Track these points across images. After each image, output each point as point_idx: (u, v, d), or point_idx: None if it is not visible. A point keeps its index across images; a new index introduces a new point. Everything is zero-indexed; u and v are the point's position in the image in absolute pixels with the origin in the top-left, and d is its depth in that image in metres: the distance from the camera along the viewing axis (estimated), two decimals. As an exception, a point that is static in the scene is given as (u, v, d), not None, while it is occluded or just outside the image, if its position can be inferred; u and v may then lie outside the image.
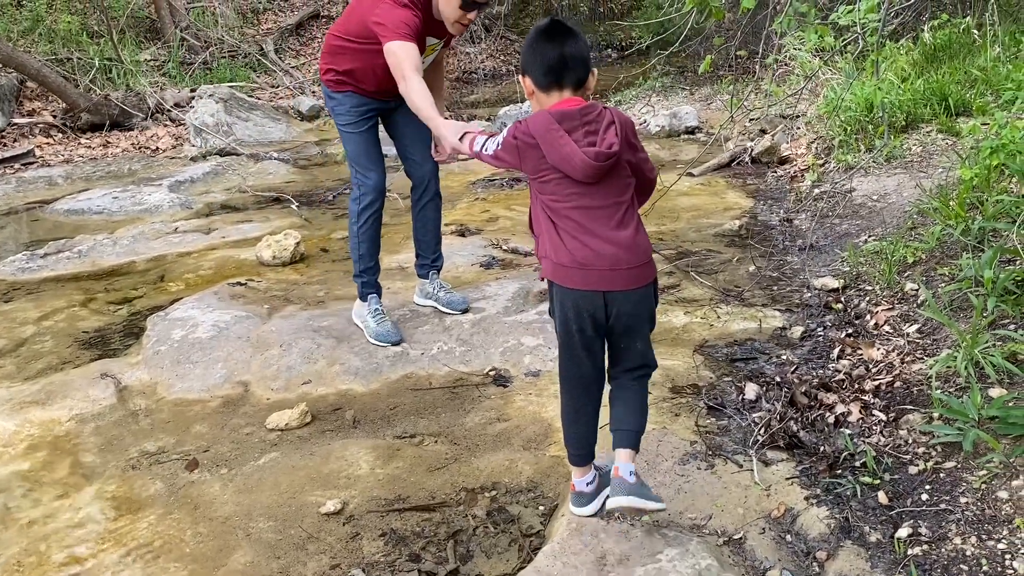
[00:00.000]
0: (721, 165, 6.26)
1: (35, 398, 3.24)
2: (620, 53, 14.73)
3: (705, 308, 3.67)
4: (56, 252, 5.11)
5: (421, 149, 3.53)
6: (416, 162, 3.56)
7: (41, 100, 9.37)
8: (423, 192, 3.62)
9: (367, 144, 3.48)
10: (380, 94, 3.43)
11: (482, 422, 2.93)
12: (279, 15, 12.92)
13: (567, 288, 2.12)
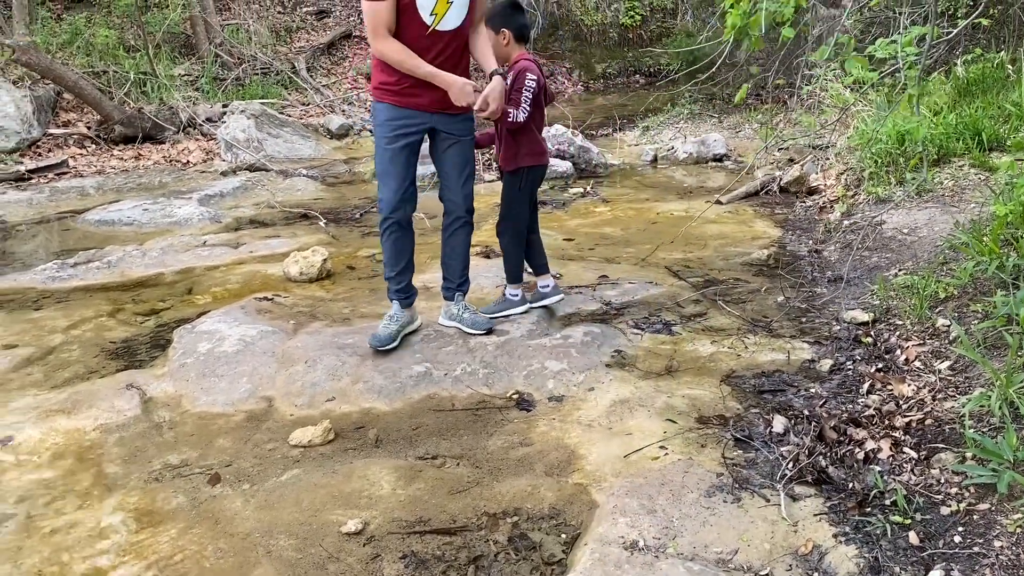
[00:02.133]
0: (749, 194, 6.23)
1: (61, 407, 3.25)
2: (648, 79, 14.76)
3: (732, 338, 3.63)
4: (86, 262, 5.16)
5: (455, 178, 3.55)
6: (449, 188, 3.58)
7: (76, 111, 9.52)
8: (454, 219, 3.64)
9: (392, 160, 3.49)
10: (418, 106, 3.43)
11: (504, 446, 2.91)
12: (311, 34, 13.08)
13: (540, 165, 3.82)
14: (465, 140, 3.55)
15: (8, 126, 8.31)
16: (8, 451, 2.98)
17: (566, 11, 14.90)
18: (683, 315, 3.92)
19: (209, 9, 11.18)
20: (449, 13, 3.33)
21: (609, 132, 9.53)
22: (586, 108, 11.85)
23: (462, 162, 3.55)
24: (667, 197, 6.47)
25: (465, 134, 3.54)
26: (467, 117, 3.54)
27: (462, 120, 3.53)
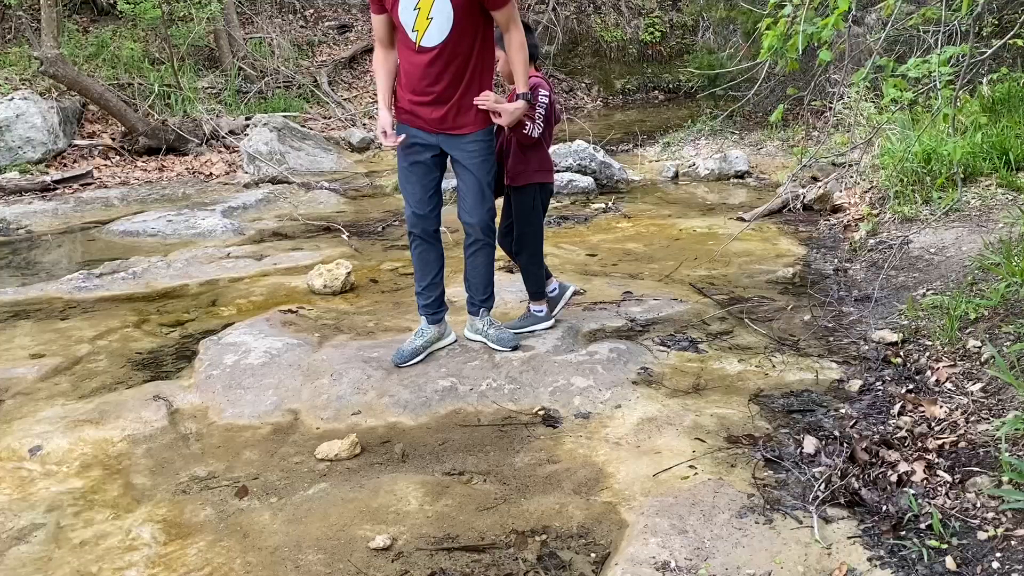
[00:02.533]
0: (772, 211, 6.21)
1: (89, 417, 3.27)
2: (667, 95, 14.77)
3: (760, 356, 3.61)
4: (111, 272, 5.20)
5: (469, 200, 3.51)
6: (464, 210, 3.56)
7: (101, 123, 9.62)
8: (472, 241, 3.63)
9: (406, 178, 3.55)
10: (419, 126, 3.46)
11: (531, 463, 2.90)
12: (333, 48, 13.18)
13: (550, 183, 3.85)
14: (474, 164, 3.45)
15: (35, 137, 8.40)
16: (37, 461, 3.00)
17: (586, 27, 14.94)
18: (709, 333, 3.90)
19: (233, 23, 11.30)
20: (430, 29, 3.26)
21: (630, 148, 9.53)
22: (605, 123, 11.86)
23: (475, 186, 3.47)
24: (689, 213, 6.45)
25: (473, 157, 3.44)
26: (474, 139, 3.42)
27: (469, 142, 3.42)
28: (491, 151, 3.52)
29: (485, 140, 3.46)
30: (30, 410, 3.38)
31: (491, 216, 3.57)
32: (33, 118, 8.44)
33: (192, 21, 10.34)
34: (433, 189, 3.55)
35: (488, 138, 3.47)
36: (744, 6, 6.86)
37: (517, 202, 3.79)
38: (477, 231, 3.57)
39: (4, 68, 9.20)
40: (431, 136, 3.45)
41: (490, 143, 3.50)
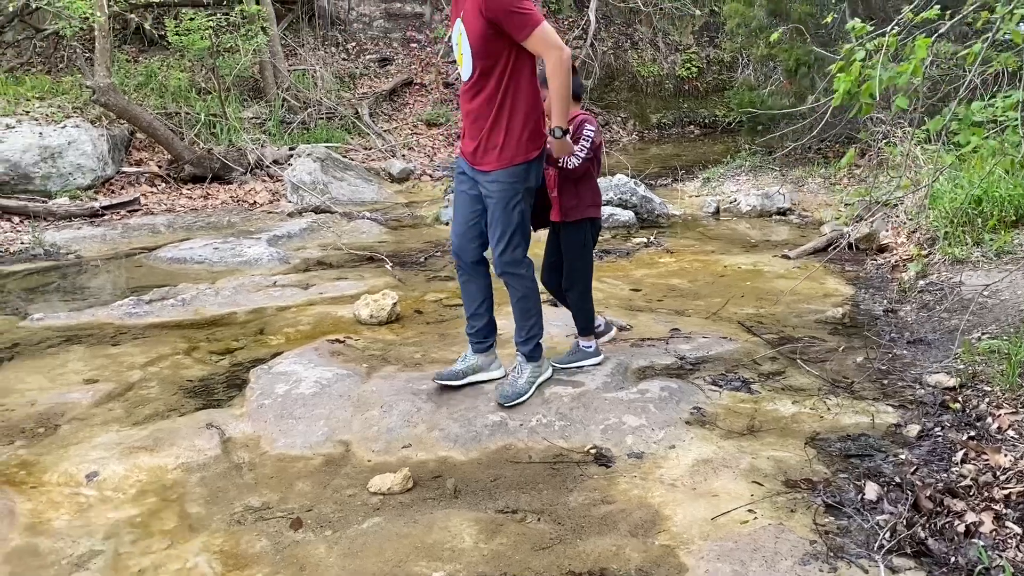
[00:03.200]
0: (817, 249, 6.16)
1: (144, 444, 3.30)
2: (703, 130, 14.79)
3: (814, 398, 3.56)
4: (161, 299, 5.27)
5: (493, 236, 3.46)
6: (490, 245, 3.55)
7: (148, 151, 9.81)
8: (499, 274, 3.54)
9: (454, 205, 3.62)
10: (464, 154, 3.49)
11: (585, 503, 2.87)
12: (374, 80, 13.37)
13: (599, 218, 3.88)
14: (491, 201, 3.40)
15: (85, 164, 8.59)
16: (94, 487, 3.02)
17: (623, 63, 15.04)
18: (760, 373, 3.86)
19: (278, 55, 11.51)
20: (464, 63, 3.32)
21: (668, 182, 9.54)
22: (642, 157, 11.89)
23: (494, 223, 3.41)
24: (732, 250, 6.42)
25: (492, 195, 3.38)
26: (495, 179, 3.35)
27: (491, 180, 3.36)
28: (512, 193, 3.35)
29: (505, 181, 3.34)
30: (86, 435, 3.42)
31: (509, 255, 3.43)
32: (84, 145, 8.64)
33: (238, 52, 10.55)
34: (475, 220, 3.52)
35: (510, 180, 3.34)
36: (817, 51, 6.85)
37: (568, 238, 3.79)
38: (496, 267, 3.51)
39: (58, 96, 9.43)
40: (465, 164, 3.49)
41: (511, 185, 3.35)
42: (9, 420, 3.61)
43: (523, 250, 3.49)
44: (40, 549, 2.65)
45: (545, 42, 3.16)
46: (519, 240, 3.44)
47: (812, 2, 8.32)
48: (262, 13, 10.75)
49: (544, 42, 3.16)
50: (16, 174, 8.27)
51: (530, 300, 3.58)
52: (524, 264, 3.51)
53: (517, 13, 3.11)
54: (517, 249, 3.45)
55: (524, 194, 3.40)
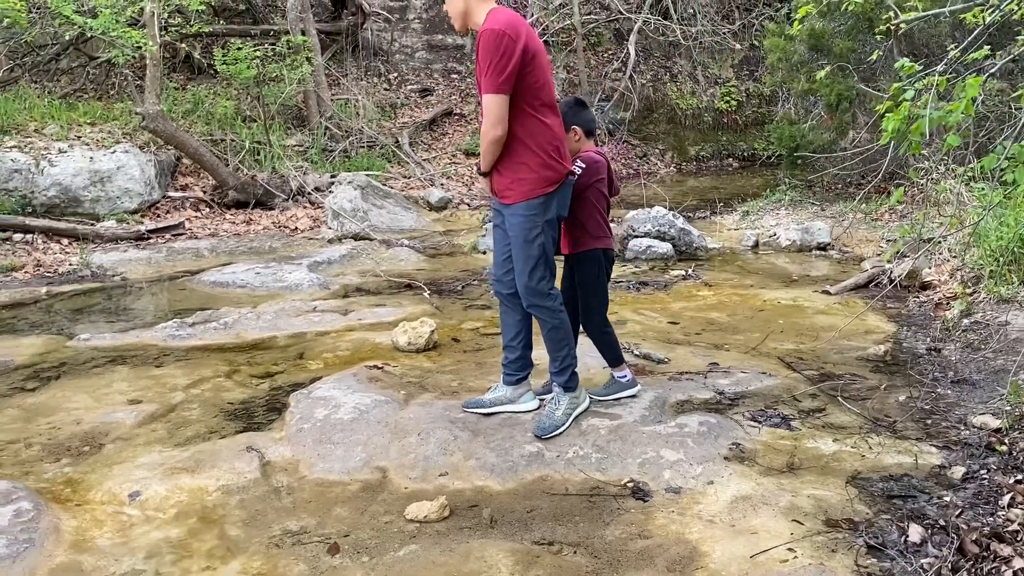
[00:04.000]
0: (859, 285, 6.09)
1: (185, 465, 3.34)
2: (741, 163, 14.77)
3: (855, 437, 3.51)
4: (203, 322, 5.36)
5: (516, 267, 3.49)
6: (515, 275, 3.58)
7: (194, 176, 10.03)
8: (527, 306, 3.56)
9: (493, 239, 3.68)
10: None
11: (622, 536, 2.85)
12: (415, 110, 13.57)
13: (611, 249, 3.83)
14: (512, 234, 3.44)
15: (132, 188, 8.81)
16: (136, 506, 3.07)
17: (662, 95, 15.10)
18: (801, 409, 3.82)
19: (322, 84, 11.74)
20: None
21: (707, 215, 9.51)
22: (679, 189, 11.89)
23: (515, 255, 3.46)
24: (772, 284, 6.38)
25: (512, 228, 3.43)
26: (513, 212, 3.40)
27: (511, 214, 3.42)
28: (531, 226, 3.38)
29: (524, 214, 3.38)
30: (129, 455, 3.48)
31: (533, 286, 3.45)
32: (132, 170, 8.86)
33: (284, 82, 10.77)
34: (508, 253, 3.55)
35: (528, 212, 3.37)
36: (863, 88, 6.87)
37: (580, 270, 3.77)
38: (523, 299, 3.53)
39: (109, 122, 9.69)
40: (497, 203, 3.55)
41: (529, 218, 3.38)
42: (56, 438, 3.69)
43: (548, 282, 3.49)
44: (84, 566, 2.70)
45: (488, 111, 3.27)
46: (543, 272, 3.46)
47: (854, 38, 8.30)
48: (307, 44, 10.99)
49: (488, 110, 3.27)
50: (67, 197, 8.51)
51: (560, 331, 3.58)
52: (550, 296, 3.51)
53: (487, 71, 3.22)
54: (541, 281, 3.46)
55: (544, 227, 3.42)
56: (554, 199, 3.42)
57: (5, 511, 2.91)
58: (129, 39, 8.77)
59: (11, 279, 6.86)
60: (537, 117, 3.34)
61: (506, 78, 3.20)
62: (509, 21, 3.23)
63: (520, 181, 3.37)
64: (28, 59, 11.61)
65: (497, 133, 3.29)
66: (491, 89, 3.22)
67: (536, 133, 3.35)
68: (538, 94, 3.32)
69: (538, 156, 3.35)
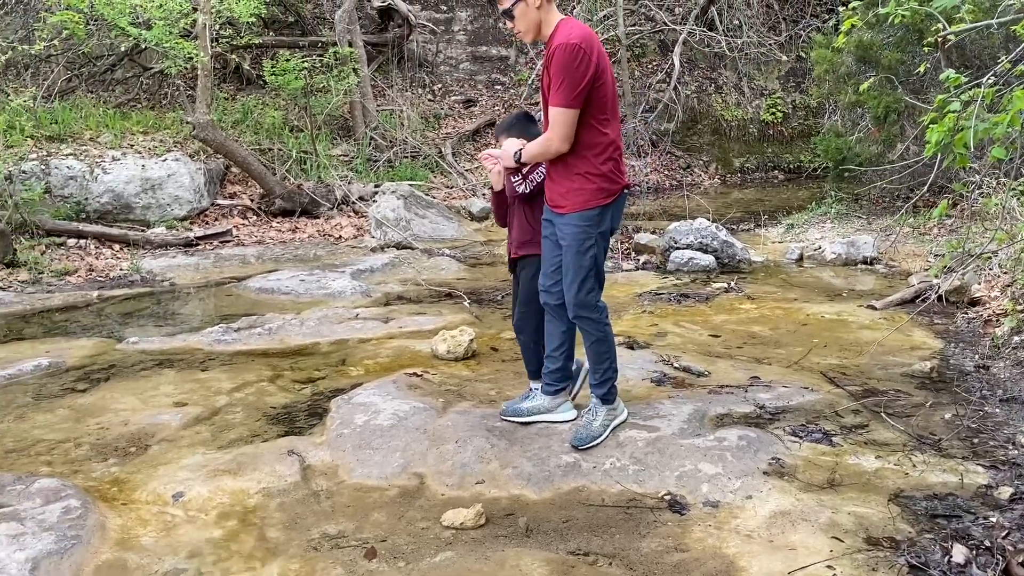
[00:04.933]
0: (905, 300, 5.98)
1: (227, 467, 3.41)
2: (787, 175, 14.61)
3: (898, 454, 3.45)
4: (248, 327, 5.46)
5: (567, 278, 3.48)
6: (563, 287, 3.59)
7: (241, 184, 10.23)
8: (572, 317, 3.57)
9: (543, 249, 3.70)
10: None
11: (658, 549, 2.83)
12: (458, 121, 13.68)
13: None
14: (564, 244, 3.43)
15: (182, 196, 9.01)
16: (180, 507, 3.14)
17: (706, 106, 15.02)
18: (843, 425, 3.76)
19: (367, 95, 11.90)
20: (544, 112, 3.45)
21: (751, 227, 9.43)
22: (723, 201, 11.80)
23: (566, 265, 3.45)
24: (816, 298, 6.30)
25: (564, 238, 3.42)
26: (567, 221, 3.39)
27: (564, 223, 3.41)
28: (585, 237, 3.38)
29: (579, 225, 3.37)
30: (174, 456, 3.55)
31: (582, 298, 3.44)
32: (182, 178, 9.07)
33: (330, 93, 10.95)
34: (557, 264, 3.54)
35: (583, 223, 3.37)
36: (912, 100, 6.78)
37: (524, 273, 3.76)
38: (569, 310, 3.51)
39: (160, 131, 9.94)
40: (551, 213, 3.53)
41: (584, 229, 3.38)
42: (104, 438, 3.79)
43: (596, 295, 3.49)
44: (128, 564, 2.76)
45: (558, 124, 3.26)
46: (592, 284, 3.46)
47: (903, 49, 8.18)
48: (354, 55, 11.17)
49: (555, 122, 3.27)
50: (119, 204, 8.74)
51: (604, 343, 3.57)
52: (598, 308, 3.51)
53: (565, 81, 3.20)
54: (591, 293, 3.46)
55: (598, 238, 3.42)
56: (609, 211, 3.43)
57: (54, 508, 3.00)
58: (182, 50, 8.99)
59: (64, 283, 7.06)
60: (599, 129, 3.35)
61: (579, 93, 3.21)
62: (584, 35, 3.23)
63: (576, 192, 3.37)
64: (85, 70, 11.97)
65: (564, 148, 3.31)
66: (563, 103, 3.22)
67: (596, 145, 3.35)
68: (604, 108, 3.33)
69: (597, 168, 3.35)
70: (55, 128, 9.32)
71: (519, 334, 3.92)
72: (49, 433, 3.87)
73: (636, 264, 7.80)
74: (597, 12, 14.25)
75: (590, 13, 14.12)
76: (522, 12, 3.30)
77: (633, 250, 8.27)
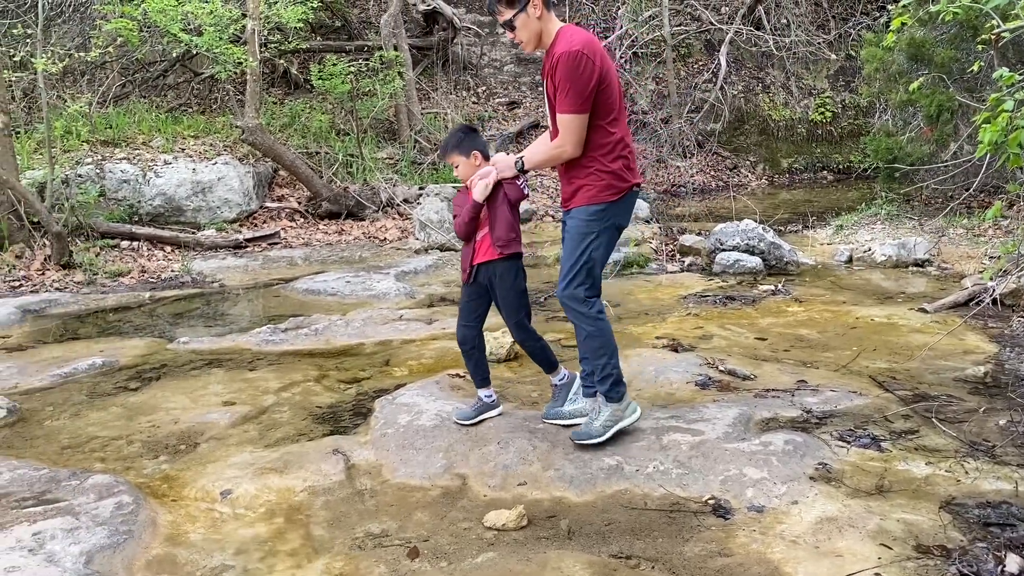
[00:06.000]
0: (958, 303, 5.84)
1: (274, 466, 3.46)
2: (837, 176, 14.37)
3: (950, 460, 3.37)
4: (295, 328, 5.54)
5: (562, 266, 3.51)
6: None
7: (289, 187, 10.39)
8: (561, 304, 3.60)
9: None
10: None
11: (702, 554, 2.81)
12: (503, 123, 13.71)
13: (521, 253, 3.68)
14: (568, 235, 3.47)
15: (232, 199, 9.18)
16: (227, 504, 3.20)
17: (753, 106, 14.85)
18: (892, 430, 3.68)
19: (412, 98, 12.00)
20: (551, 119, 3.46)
21: (798, 228, 9.29)
22: (771, 203, 11.65)
23: (564, 255, 3.48)
24: (865, 301, 6.18)
25: (568, 230, 3.47)
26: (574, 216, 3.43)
27: (572, 217, 3.46)
28: (587, 231, 3.40)
29: (582, 218, 3.41)
30: (222, 454, 3.62)
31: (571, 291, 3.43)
32: (232, 181, 9.24)
33: (376, 96, 11.06)
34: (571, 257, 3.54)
35: (586, 217, 3.40)
36: (961, 99, 6.64)
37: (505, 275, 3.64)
38: (559, 298, 3.52)
39: (210, 135, 10.14)
40: (565, 214, 3.55)
41: (586, 223, 3.40)
42: (155, 436, 3.88)
43: (586, 289, 3.45)
44: (178, 559, 2.82)
45: (570, 131, 3.29)
46: (583, 278, 3.43)
47: (956, 47, 7.99)
48: (400, 59, 11.27)
49: (569, 130, 3.29)
50: (170, 207, 8.93)
51: (598, 339, 3.51)
52: (587, 303, 3.46)
53: (571, 89, 3.22)
54: (580, 287, 3.44)
55: (600, 234, 3.42)
56: (615, 208, 3.44)
57: (107, 503, 3.08)
58: (231, 55, 9.16)
59: (118, 284, 7.24)
60: (607, 129, 3.38)
61: (587, 98, 3.24)
62: (585, 41, 3.26)
63: (586, 188, 3.41)
64: (138, 75, 12.27)
65: (576, 153, 3.35)
66: (573, 109, 3.26)
67: (605, 144, 3.38)
68: (611, 110, 3.35)
69: (606, 166, 3.38)
70: (110, 133, 9.57)
71: (523, 344, 3.79)
72: (102, 430, 3.97)
73: (681, 266, 7.74)
74: (642, 12, 14.18)
75: (635, 14, 14.05)
76: (523, 23, 3.32)
77: (678, 252, 8.20)
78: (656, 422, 3.72)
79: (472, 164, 3.60)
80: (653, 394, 4.21)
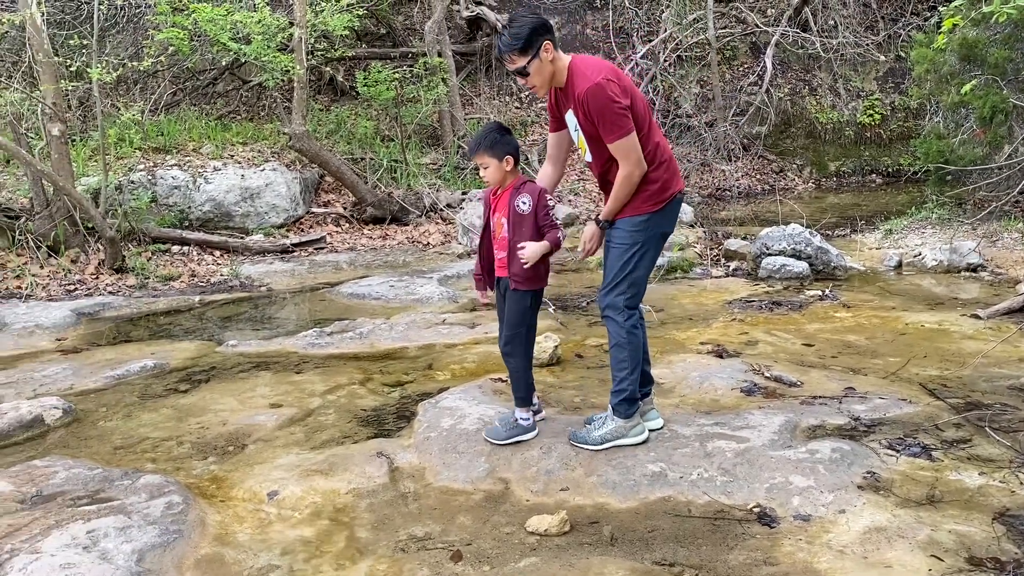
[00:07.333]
0: (1012, 309, 5.69)
1: (319, 468, 3.51)
2: (886, 179, 14.10)
3: (1004, 471, 3.28)
4: (340, 332, 5.61)
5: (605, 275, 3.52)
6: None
7: (335, 193, 10.52)
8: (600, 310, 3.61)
9: None
10: None
11: (747, 562, 2.78)
12: (544, 128, 13.71)
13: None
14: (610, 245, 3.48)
15: (280, 204, 9.32)
16: (274, 505, 3.25)
17: (800, 109, 14.64)
18: (943, 439, 3.60)
19: (456, 104, 12.07)
20: (585, 149, 3.45)
21: (846, 233, 9.14)
22: (818, 206, 11.47)
23: (607, 265, 3.50)
24: (915, 306, 6.06)
25: (612, 239, 3.48)
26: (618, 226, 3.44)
27: (615, 228, 3.46)
28: (631, 243, 3.41)
29: (625, 229, 3.43)
30: (269, 456, 3.68)
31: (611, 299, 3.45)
32: (279, 187, 9.39)
33: (420, 102, 11.16)
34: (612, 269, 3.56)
35: (630, 228, 3.42)
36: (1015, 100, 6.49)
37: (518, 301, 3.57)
38: (599, 304, 3.53)
39: (258, 142, 10.32)
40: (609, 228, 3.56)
41: (630, 234, 3.42)
42: (204, 437, 3.96)
43: (626, 299, 3.45)
44: (225, 559, 2.88)
45: (627, 153, 3.29)
46: (625, 288, 3.44)
47: (1011, 47, 7.79)
48: (443, 65, 11.35)
49: (626, 152, 3.29)
50: (219, 212, 9.11)
51: (624, 350, 3.49)
52: (625, 313, 3.46)
53: (610, 118, 3.23)
54: (620, 296, 3.45)
55: (645, 244, 3.43)
56: (658, 216, 3.45)
57: (158, 503, 3.15)
58: (279, 63, 9.32)
59: (169, 288, 7.40)
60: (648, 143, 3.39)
61: (627, 117, 3.25)
62: (601, 68, 3.28)
63: (633, 200, 3.41)
64: (189, 84, 12.53)
65: (644, 168, 3.35)
66: (621, 133, 3.26)
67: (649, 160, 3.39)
68: (642, 125, 3.35)
69: (650, 176, 3.39)
70: (161, 140, 9.80)
71: (509, 357, 3.66)
72: (153, 431, 4.06)
73: (726, 271, 7.67)
74: (686, 15, 14.08)
75: (679, 17, 13.96)
76: (537, 68, 3.31)
77: (723, 256, 8.13)
78: (700, 429, 3.69)
79: (503, 168, 3.48)
80: (697, 400, 4.18)
